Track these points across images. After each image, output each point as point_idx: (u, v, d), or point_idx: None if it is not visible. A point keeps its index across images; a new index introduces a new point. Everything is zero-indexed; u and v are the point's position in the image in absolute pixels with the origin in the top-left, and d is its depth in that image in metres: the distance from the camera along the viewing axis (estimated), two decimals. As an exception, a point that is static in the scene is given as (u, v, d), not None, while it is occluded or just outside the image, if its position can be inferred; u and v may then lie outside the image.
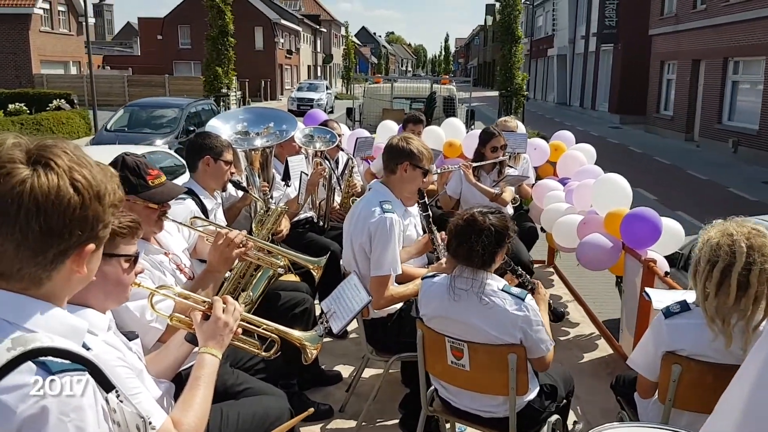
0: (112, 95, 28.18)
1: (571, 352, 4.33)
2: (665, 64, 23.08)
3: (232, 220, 3.70)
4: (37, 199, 1.08)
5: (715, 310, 2.14)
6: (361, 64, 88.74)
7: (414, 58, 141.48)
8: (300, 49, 52.16)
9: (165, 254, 2.51)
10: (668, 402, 2.28)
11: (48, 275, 1.14)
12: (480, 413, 2.54)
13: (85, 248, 1.16)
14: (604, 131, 23.37)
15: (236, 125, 3.76)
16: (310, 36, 57.24)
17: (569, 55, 35.12)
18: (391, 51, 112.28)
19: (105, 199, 1.17)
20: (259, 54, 42.02)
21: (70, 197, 1.10)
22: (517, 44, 19.07)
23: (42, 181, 1.09)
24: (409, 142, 3.11)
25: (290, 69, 49.50)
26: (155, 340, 2.23)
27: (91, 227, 1.15)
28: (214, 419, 2.05)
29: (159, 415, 1.59)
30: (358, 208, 3.18)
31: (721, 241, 2.13)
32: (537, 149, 5.57)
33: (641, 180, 12.36)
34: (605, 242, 3.98)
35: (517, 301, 2.37)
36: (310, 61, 57.27)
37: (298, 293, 3.46)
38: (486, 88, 64.28)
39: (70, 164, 1.12)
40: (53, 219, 1.09)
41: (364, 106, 11.56)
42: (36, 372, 1.05)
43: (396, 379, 3.61)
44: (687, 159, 16.94)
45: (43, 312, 1.15)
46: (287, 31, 47.45)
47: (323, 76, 61.22)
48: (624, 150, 18.69)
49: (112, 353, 1.59)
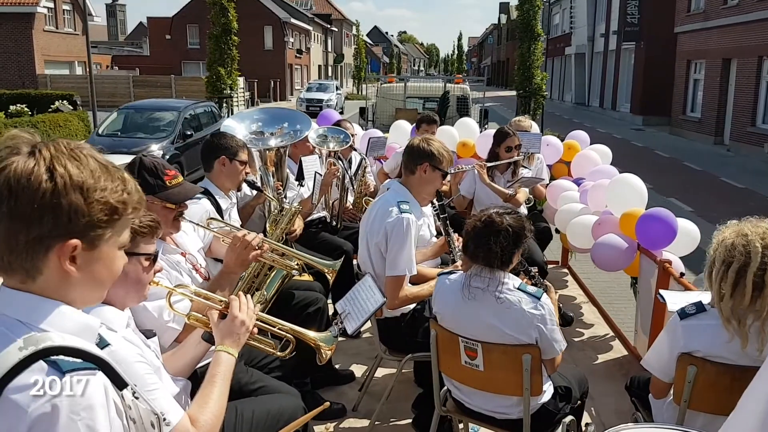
0: (117, 96, 27.27)
1: (585, 353, 4.31)
2: (692, 63, 21.88)
3: (246, 219, 3.73)
4: (10, 182, 1.09)
5: (731, 311, 2.12)
6: (372, 63, 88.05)
7: (426, 57, 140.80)
8: (310, 49, 51.33)
9: (182, 254, 2.53)
10: (683, 403, 2.27)
11: (33, 266, 1.13)
12: (493, 414, 2.54)
13: (67, 242, 1.13)
14: (626, 133, 22.46)
15: (251, 125, 3.79)
16: (320, 35, 56.32)
17: (588, 54, 34.38)
18: (403, 50, 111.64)
19: (92, 193, 1.13)
20: (269, 54, 41.46)
21: (41, 182, 1.09)
22: (537, 42, 18.04)
23: (18, 165, 1.10)
24: (430, 143, 3.12)
25: (300, 69, 48.78)
26: (172, 340, 2.25)
27: (68, 218, 1.12)
28: (229, 417, 2.06)
29: (176, 412, 1.60)
30: (375, 207, 3.19)
31: (736, 242, 2.11)
32: (550, 146, 5.54)
33: (673, 188, 11.65)
34: (620, 243, 3.96)
35: (534, 299, 2.36)
36: (320, 61, 56.45)
37: (311, 293, 3.49)
38: (500, 87, 63.56)
39: (55, 154, 1.12)
40: (21, 202, 1.09)
41: (377, 106, 11.53)
42: (47, 371, 1.06)
43: (409, 378, 3.62)
44: (719, 164, 15.83)
45: (54, 311, 1.15)
46: (297, 31, 46.72)
47: (334, 76, 60.42)
48: (650, 154, 17.71)
49: (132, 349, 1.61)
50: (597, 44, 32.75)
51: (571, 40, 37.69)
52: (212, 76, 18.11)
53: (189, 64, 41.29)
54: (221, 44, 18.03)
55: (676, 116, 22.68)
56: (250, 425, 2.14)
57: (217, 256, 3.08)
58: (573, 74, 37.92)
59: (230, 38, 18.05)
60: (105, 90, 27.14)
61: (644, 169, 11.08)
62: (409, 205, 3.04)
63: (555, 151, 5.59)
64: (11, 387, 1.04)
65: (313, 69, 53.23)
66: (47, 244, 1.12)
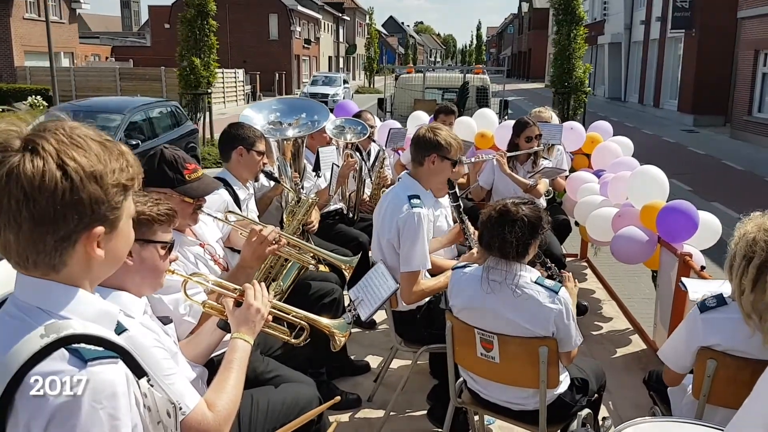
0: (102, 90, 23.77)
1: (603, 347, 4.28)
2: (760, 53, 18.04)
3: (263, 210, 3.75)
4: (23, 186, 1.05)
5: (752, 306, 2.08)
6: (388, 54, 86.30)
7: (443, 48, 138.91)
8: (320, 39, 48.36)
9: (200, 245, 2.55)
10: (702, 398, 2.24)
11: (60, 261, 1.12)
12: (509, 405, 2.53)
13: (92, 231, 1.12)
14: (677, 135, 19.23)
15: (269, 115, 3.79)
16: (331, 24, 53.26)
17: (624, 44, 30.82)
18: (419, 41, 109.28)
19: (105, 178, 1.11)
20: (274, 44, 39.34)
21: (57, 182, 1.06)
22: (578, 27, 14.52)
23: (26, 167, 1.05)
24: (436, 132, 3.05)
25: (308, 60, 45.84)
26: (187, 333, 2.27)
27: (91, 210, 1.10)
28: (245, 405, 2.08)
29: (193, 397, 1.62)
30: (386, 201, 3.16)
31: (758, 236, 2.07)
32: (573, 129, 5.46)
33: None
34: (641, 235, 3.91)
35: (551, 294, 2.34)
36: (331, 52, 53.56)
37: (327, 283, 3.50)
38: (521, 79, 61.73)
39: (58, 146, 1.08)
40: (42, 205, 1.06)
41: (395, 97, 11.50)
42: (69, 359, 1.06)
43: (424, 370, 3.62)
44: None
45: (73, 298, 1.15)
46: (305, 19, 43.92)
47: (345, 67, 58.37)
48: (719, 166, 14.32)
49: (149, 335, 1.62)
50: (635, 32, 29.20)
51: (604, 28, 34.24)
52: (185, 69, 14.12)
53: None
54: (195, 30, 14.15)
55: (739, 117, 18.96)
56: (265, 413, 2.15)
57: (235, 246, 3.10)
58: (606, 66, 34.21)
59: (207, 22, 14.22)
60: (89, 84, 24.23)
61: (720, 187, 9.57)
62: (420, 199, 3.00)
63: (578, 137, 5.51)
64: (33, 374, 1.04)
65: (323, 60, 50.41)
66: (74, 238, 1.11)
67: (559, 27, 14.61)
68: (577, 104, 14.58)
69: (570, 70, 14.54)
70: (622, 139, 5.48)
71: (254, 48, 38.17)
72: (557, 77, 14.70)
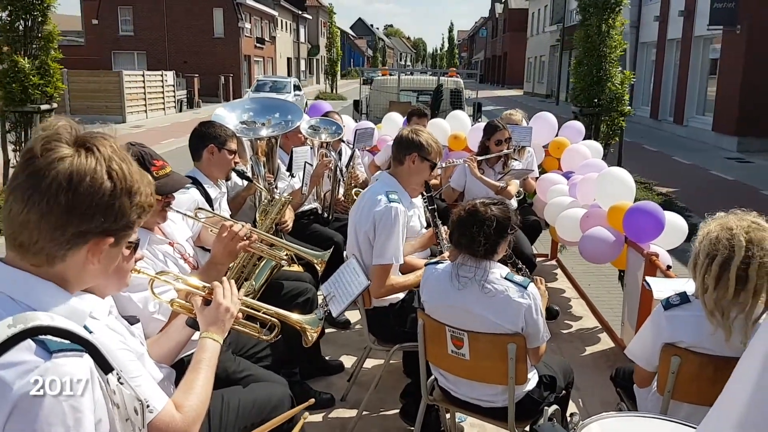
0: None
1: (572, 345, 4.35)
2: None
3: (237, 209, 3.73)
4: (71, 176, 1.13)
5: (715, 304, 2.14)
6: (356, 57, 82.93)
7: (413, 52, 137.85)
8: (276, 38, 42.96)
9: (169, 244, 2.53)
10: (667, 393, 2.29)
11: (63, 255, 1.17)
12: (479, 402, 2.56)
13: (104, 239, 1.19)
14: (725, 166, 13.83)
15: (242, 114, 3.78)
16: (290, 23, 47.84)
17: (631, 45, 21.97)
18: (389, 44, 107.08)
19: (135, 197, 1.20)
20: (219, 42, 34.62)
21: (103, 182, 1.15)
22: (616, 15, 8.98)
23: (80, 161, 1.14)
24: (418, 134, 3.12)
25: (262, 62, 40.75)
26: (157, 332, 2.25)
27: (114, 218, 1.18)
28: (215, 405, 2.07)
29: (160, 398, 1.60)
30: (364, 197, 3.19)
31: (720, 235, 2.13)
32: (544, 121, 5.57)
33: None
34: (608, 236, 3.99)
35: (521, 289, 2.38)
36: (290, 53, 48.25)
37: (301, 283, 3.49)
38: (496, 85, 59.09)
39: (111, 154, 1.17)
40: (81, 198, 1.13)
41: (370, 99, 11.58)
42: (35, 350, 1.07)
43: (398, 369, 3.63)
44: None
45: (47, 292, 1.17)
46: (258, 15, 38.93)
47: (309, 70, 54.12)
48: None
49: (114, 337, 1.60)
50: (646, 31, 23.33)
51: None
52: (6, 75, 8.06)
53: (121, 55, 34.29)
54: (21, 16, 8.09)
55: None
56: (236, 413, 2.14)
57: (206, 245, 3.08)
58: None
59: (43, 3, 8.11)
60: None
61: None
62: (397, 195, 3.04)
63: (550, 128, 5.60)
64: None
65: (281, 62, 44.82)
66: (87, 239, 1.17)
67: (584, 15, 9.28)
68: (613, 129, 9.26)
69: (601, 79, 9.13)
70: (591, 143, 5.59)
71: (196, 47, 34.33)
72: (581, 91, 9.26)
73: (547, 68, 42.28)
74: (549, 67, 41.69)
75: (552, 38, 40.11)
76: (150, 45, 34.44)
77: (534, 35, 47.92)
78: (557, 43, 37.20)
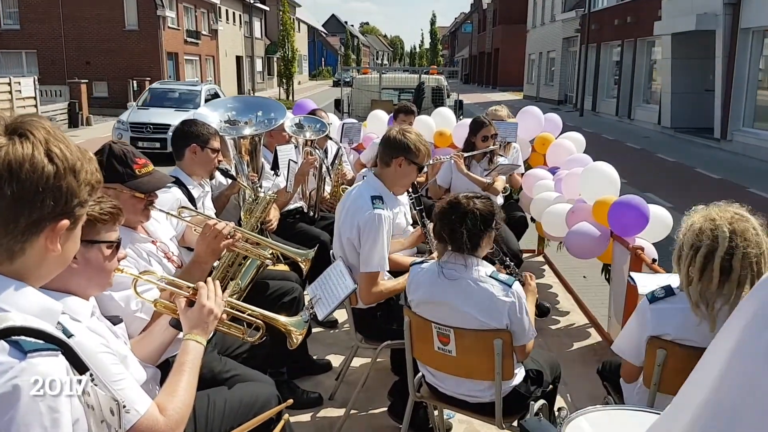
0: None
1: (560, 340, 4.36)
2: None
3: (221, 208, 3.70)
4: (10, 165, 1.09)
5: (699, 295, 2.15)
6: (328, 56, 78.28)
7: (390, 50, 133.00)
8: (218, 32, 34.69)
9: (152, 243, 2.50)
10: (653, 386, 2.30)
11: (21, 248, 1.14)
12: (466, 398, 2.56)
13: (59, 223, 1.16)
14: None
15: (225, 113, 3.75)
16: (240, 14, 39.56)
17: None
18: (364, 42, 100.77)
19: (80, 175, 1.17)
20: (132, 36, 26.90)
21: (44, 166, 1.12)
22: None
23: (17, 148, 1.10)
24: (406, 135, 3.04)
25: (197, 61, 32.30)
26: (140, 331, 2.22)
27: (64, 200, 1.15)
28: (201, 405, 2.05)
29: (144, 401, 1.59)
30: (348, 200, 3.15)
31: (704, 226, 2.14)
32: (531, 115, 5.61)
33: None
34: (593, 231, 4.00)
35: (505, 287, 2.38)
36: (239, 51, 39.40)
37: (287, 282, 3.47)
38: (486, 87, 50.83)
39: (46, 137, 1.14)
40: (26, 186, 1.10)
41: (352, 97, 11.57)
42: (9, 351, 1.05)
43: (385, 367, 3.63)
44: None
45: (16, 291, 1.14)
46: (191, 3, 31.02)
47: (267, 71, 45.65)
48: None
49: (96, 339, 1.58)
50: (678, 22, 17.67)
51: (661, 9, 20.08)
52: None
53: (6, 55, 26.51)
54: None
55: None
56: (222, 413, 2.12)
57: (190, 245, 3.04)
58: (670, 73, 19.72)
59: None
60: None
61: None
62: (382, 201, 3.00)
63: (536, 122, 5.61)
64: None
65: (226, 62, 36.39)
66: (42, 225, 1.14)
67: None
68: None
69: None
70: (574, 135, 5.60)
71: (103, 44, 26.45)
72: None
73: (559, 67, 33.17)
74: (561, 65, 32.87)
75: (566, 29, 31.06)
76: (42, 42, 26.54)
77: (537, 27, 38.39)
78: (575, 35, 29.18)
